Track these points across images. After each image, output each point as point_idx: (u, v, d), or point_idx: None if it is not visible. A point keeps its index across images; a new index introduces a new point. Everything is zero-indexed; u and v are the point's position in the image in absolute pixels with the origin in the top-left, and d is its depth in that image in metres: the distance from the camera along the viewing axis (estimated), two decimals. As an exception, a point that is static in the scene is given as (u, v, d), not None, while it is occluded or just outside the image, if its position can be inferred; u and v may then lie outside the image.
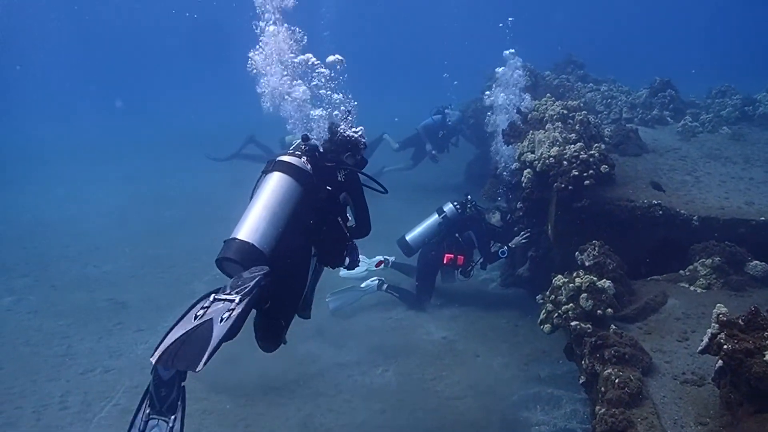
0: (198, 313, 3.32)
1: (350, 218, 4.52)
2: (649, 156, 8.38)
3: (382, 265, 8.40)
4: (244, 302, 3.32)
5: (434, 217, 8.42)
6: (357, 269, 5.31)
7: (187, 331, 3.22)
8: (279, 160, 4.13)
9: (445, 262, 8.13)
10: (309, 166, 4.17)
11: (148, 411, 3.38)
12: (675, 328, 5.10)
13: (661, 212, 6.20)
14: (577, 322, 5.01)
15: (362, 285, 8.04)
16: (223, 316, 3.27)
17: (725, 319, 3.76)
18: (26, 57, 35.77)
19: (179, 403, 3.42)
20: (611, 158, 6.30)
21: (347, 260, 4.50)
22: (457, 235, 8.22)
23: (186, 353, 3.12)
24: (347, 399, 5.90)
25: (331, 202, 4.24)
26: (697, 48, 36.23)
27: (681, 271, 6.01)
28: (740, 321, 3.72)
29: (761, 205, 6.61)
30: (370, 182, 4.66)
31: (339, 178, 4.32)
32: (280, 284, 3.75)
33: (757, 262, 5.75)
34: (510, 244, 7.79)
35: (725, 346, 3.58)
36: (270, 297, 3.71)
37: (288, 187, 3.99)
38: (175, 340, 3.17)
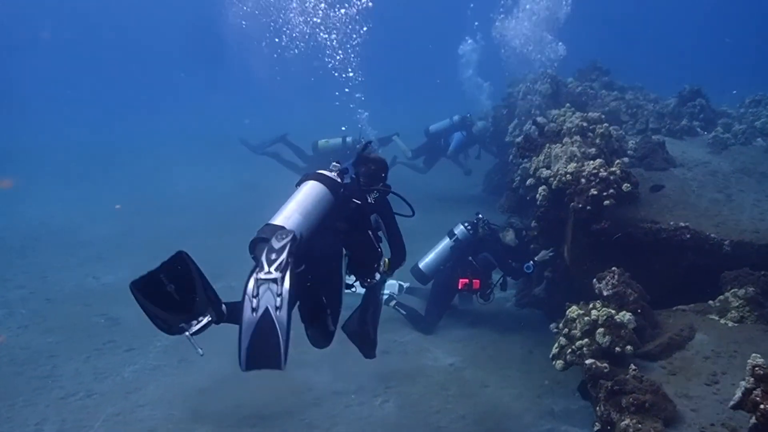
0: (253, 306, 3.47)
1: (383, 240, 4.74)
2: (677, 171, 7.82)
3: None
4: (286, 279, 3.48)
5: (446, 241, 7.98)
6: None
7: (254, 330, 3.44)
8: (314, 172, 4.41)
9: (460, 287, 7.68)
10: (341, 180, 4.46)
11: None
12: (703, 369, 4.58)
13: (689, 236, 5.67)
14: (593, 361, 4.53)
15: None
16: (276, 305, 3.45)
17: (762, 372, 3.25)
18: (28, 57, 35.94)
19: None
20: (634, 175, 5.77)
21: (376, 277, 4.65)
22: (470, 258, 7.76)
23: (264, 352, 3.44)
24: (342, 434, 5.47)
25: (360, 215, 4.47)
26: (730, 54, 35.20)
27: (710, 302, 5.47)
28: (780, 375, 3.21)
29: (800, 228, 6.04)
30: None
31: (369, 200, 4.58)
32: (317, 268, 4.01)
33: (795, 293, 5.19)
34: (536, 259, 7.26)
35: (762, 406, 3.08)
36: (307, 277, 3.92)
37: (321, 192, 4.22)
38: (250, 343, 3.44)
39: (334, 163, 4.61)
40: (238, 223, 11.85)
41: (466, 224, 7.96)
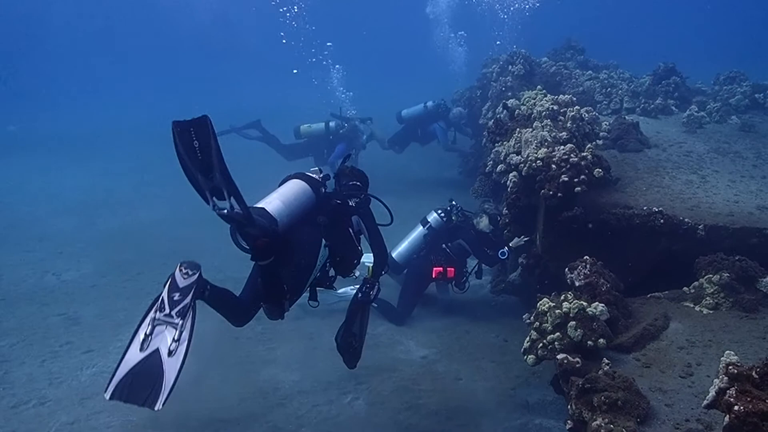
0: (142, 343, 3.48)
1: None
2: (651, 152, 7.66)
3: None
4: (186, 326, 3.52)
5: (419, 229, 7.76)
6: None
7: (134, 367, 3.41)
8: (296, 173, 4.59)
9: (434, 276, 7.48)
10: (322, 182, 4.63)
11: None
12: (677, 360, 4.42)
13: (662, 221, 5.49)
14: (565, 356, 4.34)
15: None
16: (171, 349, 3.45)
17: (736, 371, 3.07)
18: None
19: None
20: (606, 160, 5.57)
21: (357, 273, 4.87)
22: (444, 246, 7.55)
23: (139, 389, 3.36)
24: (308, 436, 5.25)
25: (340, 212, 4.65)
26: (703, 30, 35.16)
27: (685, 288, 5.31)
28: (754, 374, 3.03)
29: (776, 209, 5.89)
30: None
31: (350, 203, 4.75)
32: (291, 256, 4.12)
33: (771, 278, 5.04)
34: (510, 245, 7.04)
35: (736, 407, 2.90)
36: (279, 262, 3.92)
37: (302, 187, 4.38)
38: (125, 377, 3.38)
39: (313, 169, 4.75)
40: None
41: (439, 211, 7.75)
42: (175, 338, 3.48)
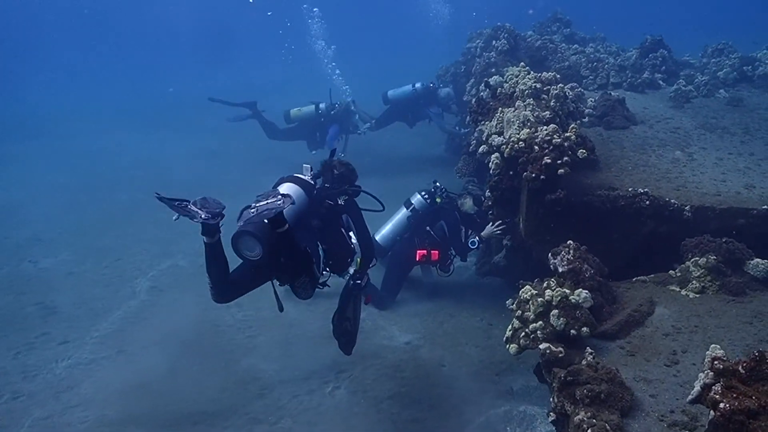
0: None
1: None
2: (638, 128, 7.51)
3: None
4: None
5: (403, 211, 7.58)
6: None
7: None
8: (289, 175, 4.77)
9: (417, 259, 7.33)
10: (314, 183, 4.85)
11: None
12: (663, 347, 4.32)
13: (648, 202, 5.35)
14: (547, 345, 4.22)
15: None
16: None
17: (722, 366, 2.96)
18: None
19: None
20: (590, 140, 5.40)
21: (350, 271, 5.10)
22: (428, 228, 7.39)
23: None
24: (288, 427, 5.14)
25: (332, 214, 4.87)
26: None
27: (671, 271, 5.20)
28: (741, 369, 2.93)
29: (763, 188, 5.77)
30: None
31: (340, 202, 4.92)
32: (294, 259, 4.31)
33: (758, 260, 4.93)
34: (482, 234, 6.95)
35: (722, 405, 2.79)
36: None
37: (296, 192, 4.52)
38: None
39: (306, 165, 4.93)
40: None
41: (423, 193, 7.57)
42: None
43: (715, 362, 2.99)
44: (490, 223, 6.71)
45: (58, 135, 16.47)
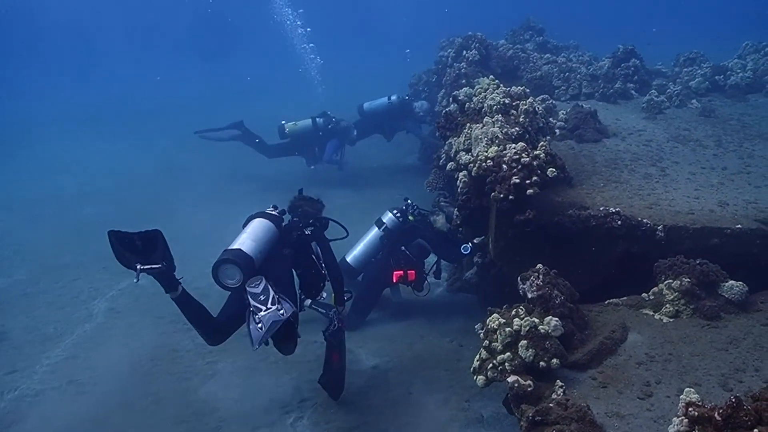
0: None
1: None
2: (610, 141, 7.37)
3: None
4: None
5: (374, 231, 7.29)
6: None
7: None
8: (257, 212, 5.18)
9: (395, 280, 7.04)
10: (282, 218, 5.29)
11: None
12: (636, 378, 4.13)
13: (620, 222, 5.17)
14: (516, 378, 4.01)
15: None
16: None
17: (696, 413, 2.76)
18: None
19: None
20: (560, 157, 5.21)
21: (323, 295, 5.48)
22: (404, 248, 7.12)
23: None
24: (246, 465, 4.86)
25: (301, 243, 5.28)
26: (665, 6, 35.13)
27: (644, 294, 5.03)
28: (717, 416, 2.72)
29: (736, 206, 5.63)
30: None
31: (307, 232, 5.36)
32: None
33: (733, 282, 4.77)
34: (474, 240, 6.62)
35: (698, 457, 2.59)
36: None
37: (266, 225, 4.98)
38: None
39: (273, 205, 5.40)
40: (157, 211, 11.02)
41: (394, 211, 7.30)
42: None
43: (690, 408, 2.79)
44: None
45: (20, 145, 15.94)
